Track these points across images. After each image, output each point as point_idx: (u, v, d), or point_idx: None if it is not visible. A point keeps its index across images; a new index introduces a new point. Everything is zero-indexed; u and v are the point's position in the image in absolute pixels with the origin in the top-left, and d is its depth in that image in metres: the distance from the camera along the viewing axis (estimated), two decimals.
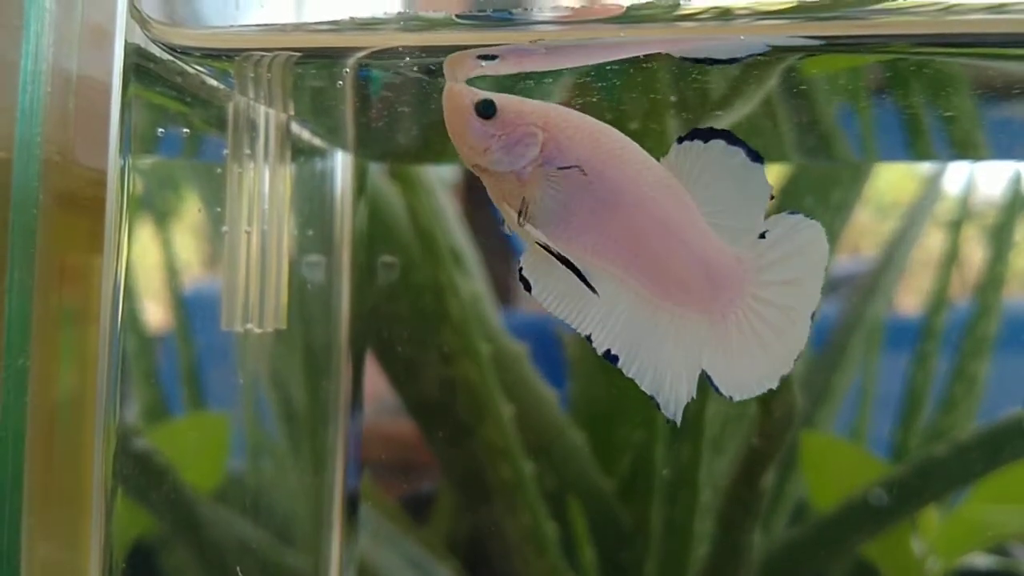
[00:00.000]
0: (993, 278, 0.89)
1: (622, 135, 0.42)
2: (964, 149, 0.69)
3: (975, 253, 0.95)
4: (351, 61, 0.47)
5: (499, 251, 1.28)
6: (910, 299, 1.12)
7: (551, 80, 0.50)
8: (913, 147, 0.70)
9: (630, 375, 0.41)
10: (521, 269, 0.41)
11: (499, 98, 0.41)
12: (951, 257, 0.90)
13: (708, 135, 0.40)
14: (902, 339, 0.93)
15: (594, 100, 0.53)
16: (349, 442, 0.70)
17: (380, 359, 0.77)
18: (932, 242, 1.04)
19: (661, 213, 0.40)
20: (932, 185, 1.00)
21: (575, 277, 0.40)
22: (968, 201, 0.92)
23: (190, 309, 0.96)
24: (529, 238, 0.40)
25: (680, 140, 0.40)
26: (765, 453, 0.66)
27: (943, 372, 0.89)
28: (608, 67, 0.49)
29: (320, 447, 0.72)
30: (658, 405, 0.40)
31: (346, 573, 0.72)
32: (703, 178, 0.41)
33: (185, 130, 0.54)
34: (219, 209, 0.51)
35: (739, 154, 0.40)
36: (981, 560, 0.82)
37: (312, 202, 0.62)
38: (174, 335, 0.95)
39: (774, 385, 0.40)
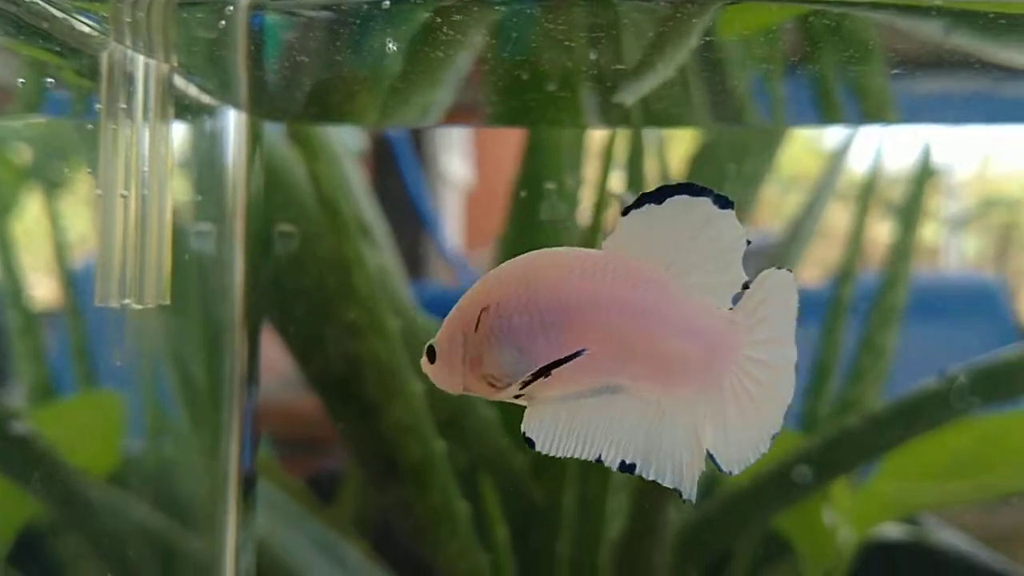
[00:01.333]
0: (901, 249, 0.89)
1: (553, 253, 0.39)
2: (875, 114, 0.69)
3: (882, 225, 0.96)
4: (242, 3, 0.43)
5: (408, 224, 1.25)
6: (815, 271, 1.13)
7: None
8: (824, 113, 0.69)
9: (650, 478, 0.38)
10: (524, 432, 0.38)
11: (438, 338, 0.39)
12: (858, 229, 0.90)
13: (662, 195, 0.37)
14: (808, 312, 0.93)
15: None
16: (245, 419, 0.67)
17: (281, 334, 0.74)
18: (837, 215, 1.05)
19: (629, 308, 0.37)
20: (838, 158, 1.01)
21: (573, 417, 0.37)
22: (876, 173, 0.93)
23: (80, 284, 0.91)
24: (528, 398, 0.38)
25: (627, 211, 0.37)
26: None
27: (851, 343, 0.89)
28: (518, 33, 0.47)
29: (216, 425, 0.69)
30: (680, 494, 0.37)
31: (243, 555, 0.69)
32: (669, 242, 0.38)
33: (51, 81, 0.50)
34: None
35: (705, 204, 0.37)
36: (893, 530, 0.83)
37: (201, 165, 0.58)
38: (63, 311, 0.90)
39: (767, 449, 0.38)
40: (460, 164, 2.57)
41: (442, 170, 2.35)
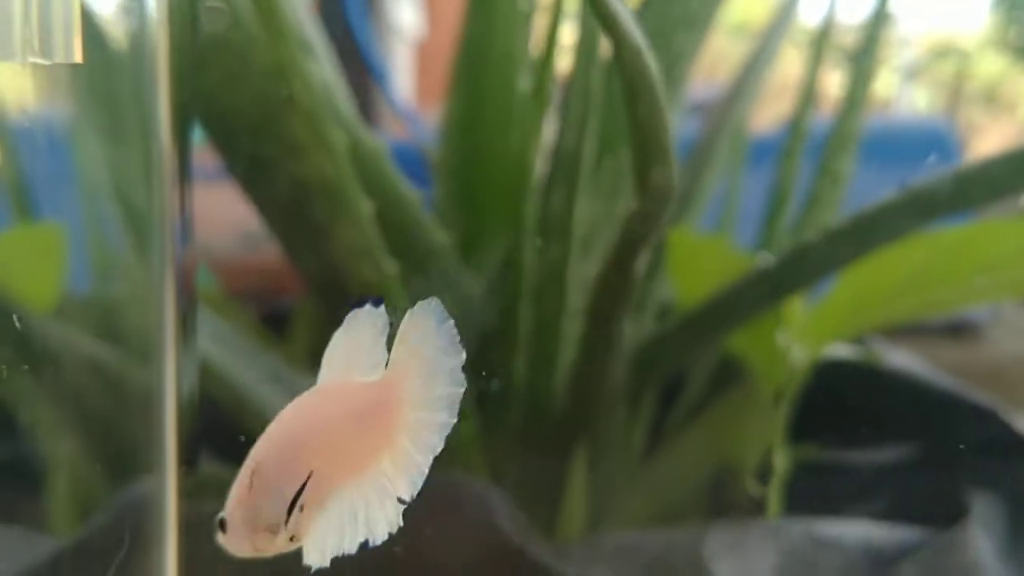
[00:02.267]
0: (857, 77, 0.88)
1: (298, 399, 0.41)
2: None
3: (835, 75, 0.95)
4: None
5: (357, 76, 1.20)
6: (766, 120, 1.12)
7: None
8: None
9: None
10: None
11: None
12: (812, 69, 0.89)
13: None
14: (764, 155, 0.92)
15: None
16: (179, 243, 0.64)
17: (222, 154, 0.71)
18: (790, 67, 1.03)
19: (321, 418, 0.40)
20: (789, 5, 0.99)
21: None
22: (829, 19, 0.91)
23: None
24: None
25: None
26: (640, 234, 0.63)
27: (807, 173, 0.88)
28: None
29: (150, 238, 0.66)
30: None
31: (186, 383, 0.67)
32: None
33: None
34: None
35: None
36: (843, 351, 0.84)
37: None
38: None
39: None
40: (411, 15, 2.48)
41: (392, 21, 2.27)
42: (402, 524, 0.37)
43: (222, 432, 0.78)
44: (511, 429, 0.77)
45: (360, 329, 0.40)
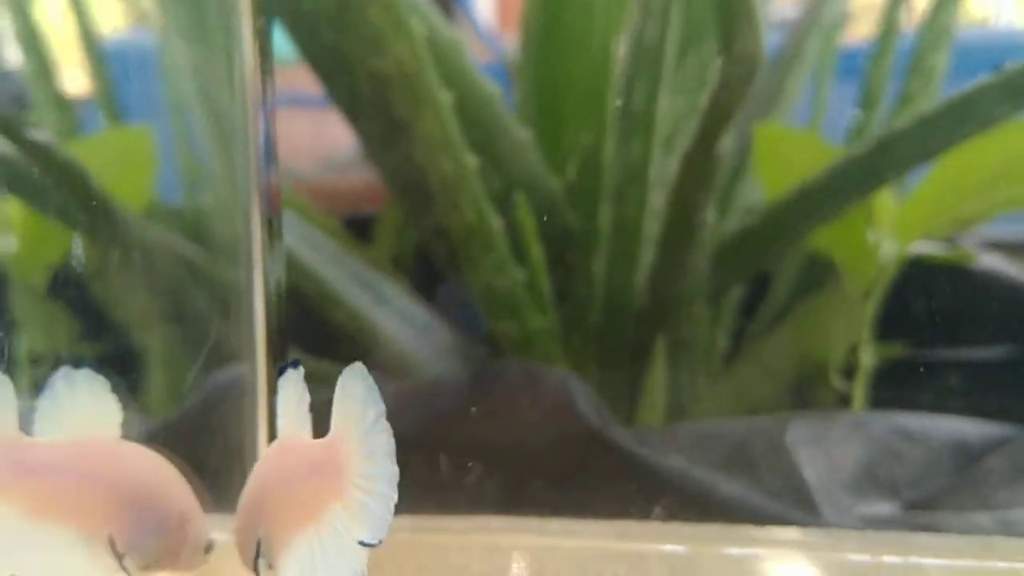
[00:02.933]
0: None
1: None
2: None
3: None
4: None
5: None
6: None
7: None
8: None
9: None
10: None
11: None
12: None
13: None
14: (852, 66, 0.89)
15: None
16: (265, 137, 0.66)
17: (301, 49, 0.71)
18: None
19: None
20: None
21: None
22: None
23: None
24: None
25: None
26: (725, 107, 0.62)
27: (900, 68, 0.85)
28: None
29: (237, 146, 0.68)
30: None
31: (273, 282, 0.69)
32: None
33: None
34: None
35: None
36: (933, 247, 0.81)
37: None
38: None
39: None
40: None
41: None
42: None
43: (309, 326, 0.80)
44: (591, 326, 0.77)
45: (289, 390, 0.43)
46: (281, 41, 0.73)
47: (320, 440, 0.41)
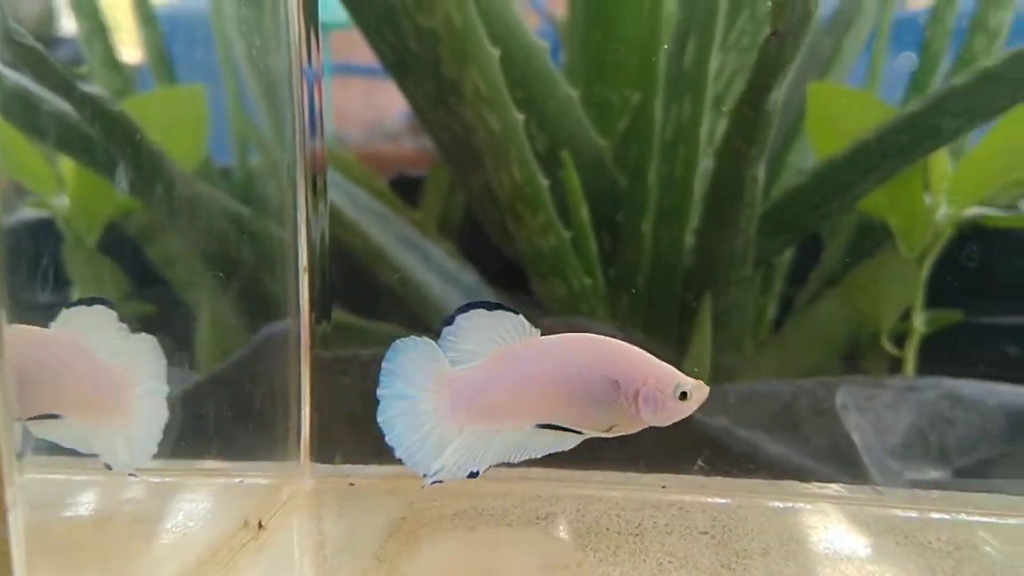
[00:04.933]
0: None
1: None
2: None
3: None
4: None
5: None
6: None
7: None
8: None
9: None
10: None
11: None
12: None
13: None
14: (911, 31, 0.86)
15: None
16: (311, 105, 0.66)
17: (349, 9, 0.71)
18: None
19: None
20: None
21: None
22: None
23: None
24: None
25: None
26: (777, 58, 0.61)
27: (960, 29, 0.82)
28: None
29: (284, 107, 0.68)
30: None
31: (318, 240, 0.69)
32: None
33: None
34: None
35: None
36: (989, 211, 0.79)
37: None
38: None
39: None
40: None
41: None
42: None
43: (354, 285, 0.80)
44: (638, 285, 0.76)
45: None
46: (336, 6, 0.73)
47: None
